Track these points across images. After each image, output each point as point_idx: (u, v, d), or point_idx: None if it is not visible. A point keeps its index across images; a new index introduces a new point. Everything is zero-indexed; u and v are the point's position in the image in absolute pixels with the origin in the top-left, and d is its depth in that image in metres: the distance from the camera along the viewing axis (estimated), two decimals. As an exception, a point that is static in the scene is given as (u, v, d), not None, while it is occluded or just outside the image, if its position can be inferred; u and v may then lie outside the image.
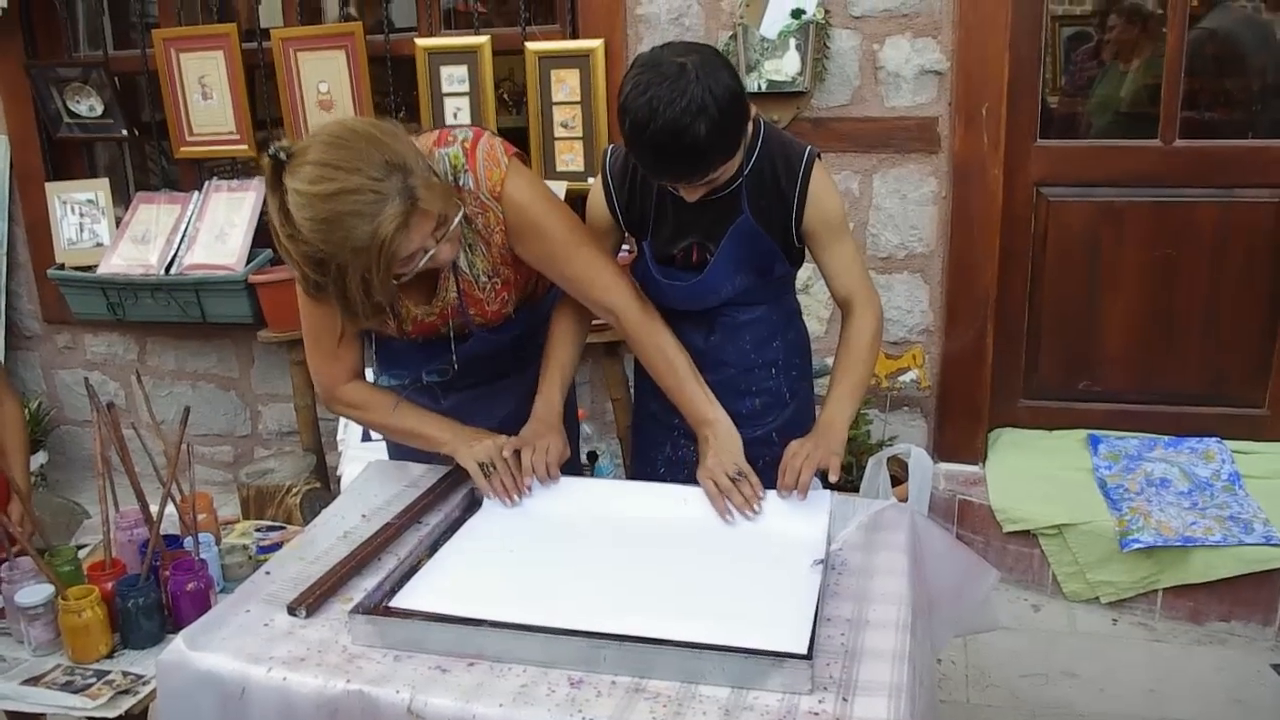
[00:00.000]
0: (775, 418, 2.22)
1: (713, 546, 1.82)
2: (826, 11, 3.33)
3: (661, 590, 1.68)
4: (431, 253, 1.81)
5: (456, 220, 1.83)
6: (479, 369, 2.17)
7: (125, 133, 4.11)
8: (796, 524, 1.84)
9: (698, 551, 1.80)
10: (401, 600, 1.65)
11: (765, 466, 1.95)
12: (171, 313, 3.96)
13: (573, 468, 2.26)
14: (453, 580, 1.73)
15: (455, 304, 2.04)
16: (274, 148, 1.70)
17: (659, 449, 2.32)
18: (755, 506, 1.87)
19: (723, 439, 1.97)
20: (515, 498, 1.95)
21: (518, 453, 1.99)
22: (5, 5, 3.92)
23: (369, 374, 2.20)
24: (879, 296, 2.14)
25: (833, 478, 1.92)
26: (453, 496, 2.03)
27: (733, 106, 1.79)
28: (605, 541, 1.84)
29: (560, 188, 3.55)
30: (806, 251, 2.14)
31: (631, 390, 3.71)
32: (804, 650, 1.45)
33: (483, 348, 2.13)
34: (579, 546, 1.84)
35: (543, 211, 1.98)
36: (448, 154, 1.93)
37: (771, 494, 1.90)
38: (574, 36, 3.58)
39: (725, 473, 1.90)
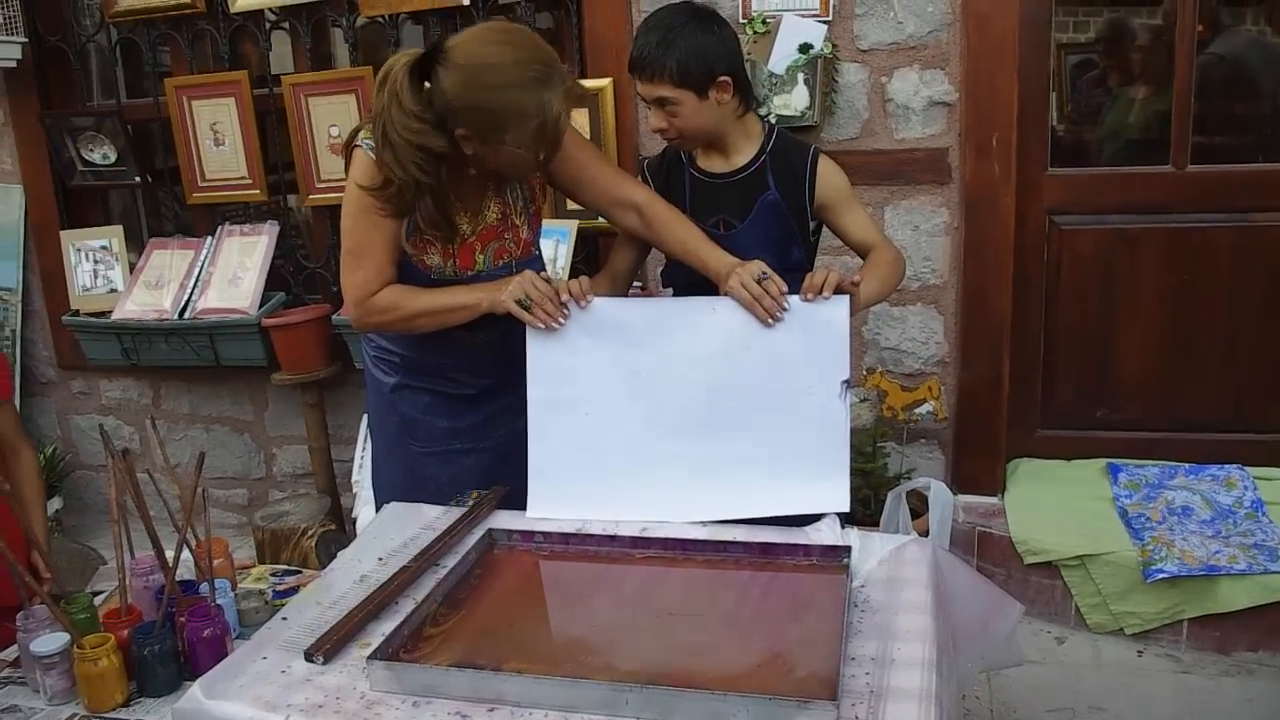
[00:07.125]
0: None
1: (748, 363, 2.10)
2: (834, 46, 3.34)
3: (710, 427, 2.09)
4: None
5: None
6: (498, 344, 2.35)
7: (138, 180, 4.14)
8: (820, 326, 2.08)
9: (737, 371, 2.11)
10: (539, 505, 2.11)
11: None
12: (185, 357, 3.98)
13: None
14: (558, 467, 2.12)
15: (494, 225, 2.28)
16: (404, 60, 2.01)
17: None
18: (784, 304, 2.08)
19: (744, 264, 2.14)
20: (559, 321, 2.13)
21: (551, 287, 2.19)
22: (20, 58, 3.97)
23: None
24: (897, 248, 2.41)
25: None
26: (469, 539, 2.02)
27: (716, 29, 2.18)
28: (655, 378, 2.14)
29: (572, 226, 3.55)
30: (816, 247, 2.44)
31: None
32: (845, 506, 1.96)
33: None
34: (634, 393, 2.14)
35: (568, 127, 2.22)
36: None
37: (794, 298, 2.09)
38: (582, 76, 3.58)
39: (752, 276, 2.08)
